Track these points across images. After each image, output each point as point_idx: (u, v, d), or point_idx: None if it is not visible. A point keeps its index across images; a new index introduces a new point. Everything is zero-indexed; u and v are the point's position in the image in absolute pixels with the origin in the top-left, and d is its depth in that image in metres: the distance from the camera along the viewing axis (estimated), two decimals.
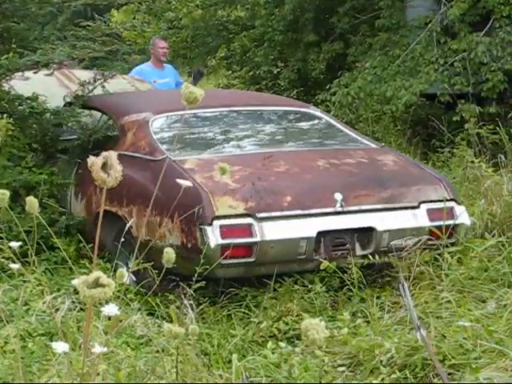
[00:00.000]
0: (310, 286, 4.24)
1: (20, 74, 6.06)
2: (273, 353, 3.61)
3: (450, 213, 4.62)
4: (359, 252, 4.39)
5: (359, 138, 5.44)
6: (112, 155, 1.82)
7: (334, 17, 9.26)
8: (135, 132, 4.96)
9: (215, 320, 4.14)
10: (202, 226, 4.08)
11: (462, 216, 4.67)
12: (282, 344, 3.72)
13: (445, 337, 3.62)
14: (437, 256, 4.51)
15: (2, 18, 6.07)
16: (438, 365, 2.97)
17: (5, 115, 6.04)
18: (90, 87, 5.98)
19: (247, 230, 4.15)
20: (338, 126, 5.60)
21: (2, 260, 3.52)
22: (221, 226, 4.08)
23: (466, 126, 7.52)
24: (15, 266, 2.91)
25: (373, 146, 5.34)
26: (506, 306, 3.90)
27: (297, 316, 3.96)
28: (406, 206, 4.59)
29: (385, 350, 3.60)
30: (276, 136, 5.41)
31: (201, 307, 4.02)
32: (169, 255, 2.25)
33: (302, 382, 3.42)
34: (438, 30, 8.11)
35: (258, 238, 4.13)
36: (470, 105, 7.80)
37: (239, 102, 5.72)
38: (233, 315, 4.10)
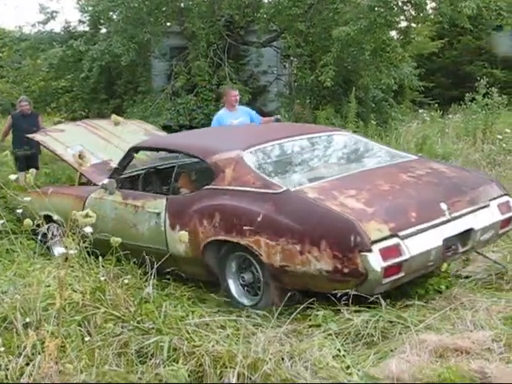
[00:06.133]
0: None
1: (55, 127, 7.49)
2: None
3: (508, 205, 4.68)
4: (460, 250, 4.34)
5: (396, 151, 5.28)
6: (86, 151, 2.20)
7: (115, 86, 12.76)
8: (234, 168, 4.57)
9: None
10: (362, 253, 3.79)
11: None
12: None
13: None
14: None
15: None
16: None
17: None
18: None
19: (398, 250, 3.92)
20: (371, 142, 5.46)
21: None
22: (380, 250, 3.82)
23: None
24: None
25: (414, 157, 5.19)
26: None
27: None
28: (483, 206, 4.51)
29: None
30: (344, 157, 5.21)
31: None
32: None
33: None
34: (170, 93, 11.84)
35: (407, 256, 3.92)
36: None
37: (297, 132, 5.47)
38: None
